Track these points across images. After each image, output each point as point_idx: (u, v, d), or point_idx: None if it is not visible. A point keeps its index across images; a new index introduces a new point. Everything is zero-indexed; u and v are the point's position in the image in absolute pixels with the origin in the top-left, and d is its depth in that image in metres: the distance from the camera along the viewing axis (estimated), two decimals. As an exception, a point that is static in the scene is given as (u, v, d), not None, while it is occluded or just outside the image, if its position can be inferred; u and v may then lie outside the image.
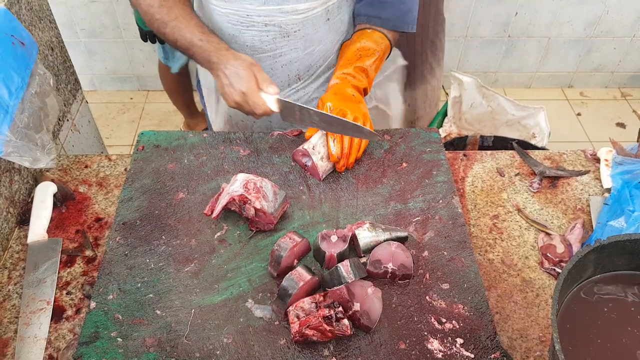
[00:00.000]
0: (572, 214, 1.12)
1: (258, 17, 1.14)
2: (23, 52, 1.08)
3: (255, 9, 1.13)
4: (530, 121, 2.45)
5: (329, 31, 1.22)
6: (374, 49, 1.18)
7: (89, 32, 2.79)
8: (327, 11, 1.18)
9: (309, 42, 1.20)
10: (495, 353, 0.85)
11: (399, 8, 1.20)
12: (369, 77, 1.17)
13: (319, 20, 1.18)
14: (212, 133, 1.22)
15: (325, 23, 1.19)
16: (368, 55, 1.17)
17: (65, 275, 1.00)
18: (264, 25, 1.15)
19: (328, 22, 1.20)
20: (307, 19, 1.16)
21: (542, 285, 0.99)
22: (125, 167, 1.20)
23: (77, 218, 1.09)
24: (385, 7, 1.19)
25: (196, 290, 0.93)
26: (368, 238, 0.96)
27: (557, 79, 3.11)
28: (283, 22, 1.15)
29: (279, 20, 1.15)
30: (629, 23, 2.82)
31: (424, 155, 1.17)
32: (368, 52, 1.17)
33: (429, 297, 0.92)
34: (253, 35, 1.17)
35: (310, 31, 1.18)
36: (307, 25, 1.17)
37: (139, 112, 2.97)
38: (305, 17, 1.16)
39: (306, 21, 1.16)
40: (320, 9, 1.16)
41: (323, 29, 1.20)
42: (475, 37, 2.87)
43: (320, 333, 0.83)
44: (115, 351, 0.85)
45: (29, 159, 1.04)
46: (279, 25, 1.15)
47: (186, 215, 1.05)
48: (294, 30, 1.17)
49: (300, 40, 1.19)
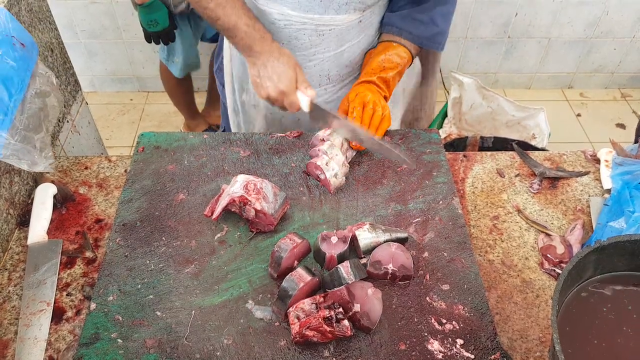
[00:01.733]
0: (572, 214, 1.12)
1: (296, 18, 1.17)
2: (23, 53, 1.08)
3: (296, 15, 1.16)
4: (530, 122, 2.45)
5: (360, 32, 1.24)
6: (397, 62, 1.21)
7: (89, 33, 2.79)
8: (362, 16, 1.21)
9: (340, 42, 1.23)
10: (495, 354, 0.85)
11: (431, 29, 1.23)
12: (390, 88, 1.21)
13: (352, 23, 1.21)
14: (212, 134, 1.22)
15: (358, 24, 1.22)
16: (391, 67, 1.20)
17: (66, 276, 1.00)
18: (302, 24, 1.18)
19: (360, 24, 1.22)
20: (342, 22, 1.19)
21: (542, 286, 0.99)
22: (126, 168, 1.20)
23: (77, 219, 1.09)
24: (418, 25, 1.22)
25: (196, 291, 0.93)
26: (368, 239, 0.96)
27: (557, 80, 3.12)
28: (320, 23, 1.18)
29: (317, 23, 1.17)
30: (629, 24, 2.83)
31: (424, 156, 1.17)
32: (391, 64, 1.20)
33: (429, 298, 0.92)
34: (290, 33, 1.20)
35: (344, 31, 1.21)
36: (342, 26, 1.20)
37: (139, 113, 2.97)
38: (341, 22, 1.19)
39: (341, 24, 1.19)
40: (356, 16, 1.20)
41: (355, 30, 1.23)
42: (475, 38, 2.87)
43: (321, 334, 0.83)
44: (116, 352, 0.85)
45: (27, 162, 1.04)
46: (315, 24, 1.18)
47: (186, 217, 1.05)
48: (329, 29, 1.19)
49: (333, 39, 1.22)
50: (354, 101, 1.15)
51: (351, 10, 1.17)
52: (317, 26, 1.18)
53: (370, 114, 1.13)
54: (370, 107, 1.13)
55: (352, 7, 1.16)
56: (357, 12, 1.19)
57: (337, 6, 1.15)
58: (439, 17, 1.23)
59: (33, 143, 1.06)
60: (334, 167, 1.08)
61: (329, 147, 1.10)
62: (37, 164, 1.05)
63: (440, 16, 1.23)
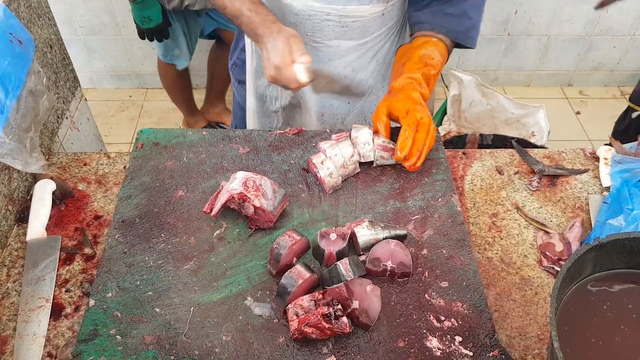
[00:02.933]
0: (571, 212, 1.12)
1: (320, 8, 1.18)
2: (21, 50, 1.07)
3: (320, 6, 1.18)
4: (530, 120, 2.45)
5: (382, 24, 1.25)
6: (438, 60, 1.17)
7: (88, 30, 2.79)
8: (385, 8, 1.22)
9: (364, 33, 1.24)
10: (493, 351, 0.85)
11: (464, 22, 1.20)
12: (430, 86, 1.16)
13: (375, 15, 1.22)
14: (211, 131, 1.22)
15: (380, 17, 1.23)
16: (432, 65, 1.16)
17: (64, 273, 1.00)
18: (326, 15, 1.19)
19: (383, 17, 1.23)
20: (365, 13, 1.20)
21: (541, 283, 0.99)
22: (125, 164, 1.20)
23: (76, 216, 1.09)
24: (450, 19, 1.19)
25: (195, 288, 0.93)
26: (367, 236, 0.96)
27: (557, 78, 3.11)
28: (344, 13, 1.19)
29: (340, 13, 1.19)
30: (628, 22, 2.82)
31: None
32: (432, 61, 1.16)
33: (428, 295, 0.92)
34: (314, 24, 1.21)
35: (367, 23, 1.22)
36: (365, 17, 1.21)
37: (138, 109, 2.97)
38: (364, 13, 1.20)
39: (364, 15, 1.20)
40: (379, 8, 1.20)
41: (378, 22, 1.24)
42: (474, 35, 2.87)
43: (319, 331, 0.83)
44: (114, 349, 0.85)
45: (21, 162, 1.03)
46: (339, 15, 1.19)
47: (185, 213, 1.05)
48: (352, 20, 1.20)
49: (356, 30, 1.23)
50: (406, 119, 1.06)
51: (375, 1, 1.18)
52: (341, 17, 1.19)
53: (425, 136, 1.06)
54: (425, 129, 1.06)
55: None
56: (381, 4, 1.20)
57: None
58: (471, 9, 1.19)
59: (24, 143, 1.05)
60: (330, 167, 1.07)
61: (329, 147, 1.09)
62: (30, 165, 1.05)
63: (473, 8, 1.20)
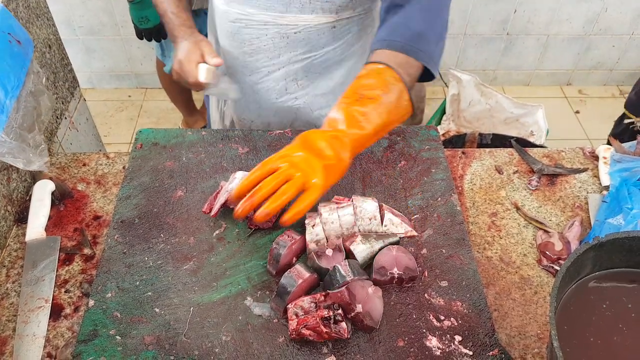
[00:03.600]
0: (570, 211, 1.12)
1: (258, 17, 1.13)
2: (19, 50, 1.07)
3: (256, 13, 1.13)
4: (529, 119, 2.45)
5: (334, 39, 1.16)
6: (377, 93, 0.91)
7: (87, 30, 2.78)
8: (335, 21, 1.13)
9: (310, 47, 1.17)
10: (493, 350, 0.85)
11: (407, 28, 0.98)
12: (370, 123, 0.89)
13: (323, 27, 1.14)
14: (210, 131, 1.22)
15: (331, 30, 1.15)
16: (371, 98, 0.90)
17: (64, 273, 1.00)
18: (263, 24, 1.14)
19: (333, 30, 1.15)
20: (310, 25, 1.13)
21: (541, 282, 0.99)
22: (124, 165, 1.20)
23: (76, 216, 1.09)
24: (393, 28, 0.99)
25: (195, 288, 0.93)
26: (364, 251, 0.94)
27: (556, 77, 3.12)
28: (284, 23, 1.13)
29: (279, 22, 1.13)
30: (627, 21, 2.83)
31: (423, 153, 1.17)
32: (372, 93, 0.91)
33: (428, 295, 0.92)
34: (251, 33, 1.16)
35: (313, 35, 1.15)
36: (310, 29, 1.14)
37: (137, 109, 2.96)
38: (308, 24, 1.13)
39: (309, 26, 1.13)
40: (326, 20, 1.12)
41: (328, 36, 1.15)
42: (474, 34, 2.87)
43: (317, 334, 0.83)
44: (114, 349, 0.85)
45: (22, 160, 1.03)
46: (278, 25, 1.14)
47: (185, 214, 1.05)
48: (294, 32, 1.14)
49: (300, 43, 1.16)
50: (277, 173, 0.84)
51: (318, 10, 1.09)
52: (280, 27, 1.13)
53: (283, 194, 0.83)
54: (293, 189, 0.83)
55: (317, 6, 1.09)
56: (327, 15, 1.11)
57: (300, 4, 1.09)
58: (414, 11, 0.98)
59: (27, 141, 1.06)
60: (319, 234, 0.94)
61: (328, 210, 0.96)
62: (32, 163, 1.05)
63: (418, 11, 0.98)
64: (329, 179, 0.86)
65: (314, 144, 0.87)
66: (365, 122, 0.89)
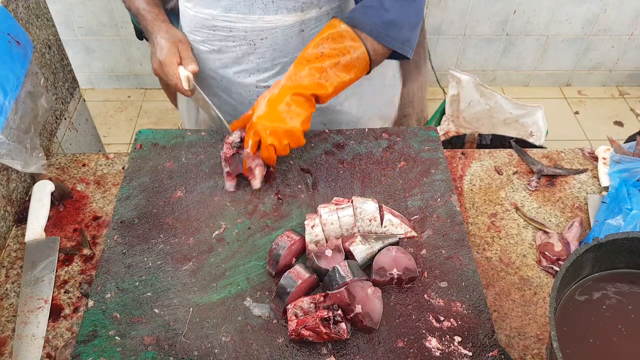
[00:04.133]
0: (569, 212, 1.12)
1: (223, 22, 1.11)
2: (19, 51, 1.07)
3: (220, 15, 1.10)
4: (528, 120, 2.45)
5: (302, 43, 1.12)
6: (342, 48, 1.00)
7: (86, 30, 2.78)
8: (302, 23, 1.10)
9: (278, 53, 1.14)
10: (493, 351, 0.85)
11: (380, 14, 1.01)
12: (328, 80, 1.00)
13: (290, 32, 1.10)
14: (210, 131, 1.22)
15: (299, 34, 1.11)
16: (332, 55, 0.99)
17: (63, 273, 1.00)
18: (229, 31, 1.11)
19: (302, 34, 1.11)
20: (276, 28, 1.10)
21: (540, 283, 0.99)
22: (123, 165, 1.20)
23: (75, 216, 1.09)
24: (366, 10, 1.02)
25: (194, 288, 0.93)
26: (363, 252, 0.94)
27: (555, 78, 3.12)
28: (249, 28, 1.10)
29: (244, 26, 1.10)
30: (627, 21, 2.83)
31: (423, 153, 1.17)
32: (333, 51, 0.99)
33: (427, 296, 0.92)
34: (220, 40, 1.14)
35: (280, 42, 1.12)
36: (277, 34, 1.10)
37: (136, 110, 2.96)
38: (274, 27, 1.10)
39: (275, 31, 1.10)
40: (292, 21, 1.09)
41: (295, 41, 1.12)
42: (473, 35, 2.87)
43: (316, 334, 0.83)
44: (114, 350, 0.85)
45: (20, 162, 1.03)
46: (244, 31, 1.10)
47: (184, 214, 1.05)
48: (261, 38, 1.11)
49: (267, 49, 1.13)
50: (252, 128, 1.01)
51: (282, 9, 1.07)
52: (247, 33, 1.10)
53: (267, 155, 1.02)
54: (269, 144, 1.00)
55: (281, 5, 1.06)
56: (292, 14, 1.08)
57: (263, 4, 1.05)
58: (388, 1, 1.00)
59: (24, 143, 1.05)
60: (319, 235, 0.96)
61: (328, 212, 0.97)
62: (30, 165, 1.05)
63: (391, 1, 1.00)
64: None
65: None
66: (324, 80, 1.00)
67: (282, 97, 0.99)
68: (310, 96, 1.00)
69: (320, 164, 1.15)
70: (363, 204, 0.98)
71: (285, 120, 0.99)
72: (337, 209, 0.98)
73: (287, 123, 0.99)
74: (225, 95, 1.26)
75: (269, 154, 1.02)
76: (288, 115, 0.99)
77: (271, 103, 1.00)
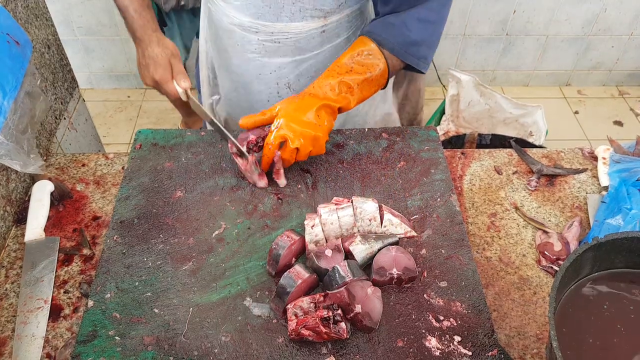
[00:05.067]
0: (569, 212, 1.12)
1: (249, 23, 1.15)
2: (18, 51, 1.07)
3: (248, 20, 1.14)
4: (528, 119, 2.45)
5: (323, 42, 1.18)
6: (368, 64, 1.06)
7: (86, 30, 2.78)
8: (324, 25, 1.15)
9: (300, 51, 1.18)
10: (492, 350, 0.85)
11: (402, 34, 1.07)
12: (354, 95, 1.06)
13: (314, 32, 1.16)
14: (209, 131, 1.22)
15: (320, 34, 1.16)
16: (359, 72, 1.06)
17: (63, 274, 1.00)
18: (255, 31, 1.16)
19: (323, 34, 1.16)
20: (301, 32, 1.15)
21: (540, 283, 0.99)
22: (123, 165, 1.20)
23: (75, 216, 1.09)
24: (388, 28, 1.08)
25: (194, 288, 0.93)
26: (363, 252, 0.94)
27: (555, 77, 3.12)
28: (275, 31, 1.15)
29: (271, 30, 1.14)
30: (627, 21, 2.83)
31: (422, 153, 1.17)
32: (362, 68, 1.06)
33: (427, 295, 0.92)
34: (243, 36, 1.18)
35: (303, 40, 1.16)
36: (300, 35, 1.15)
37: (136, 110, 2.96)
38: (299, 32, 1.15)
39: (299, 32, 1.15)
40: (315, 26, 1.14)
41: (317, 39, 1.17)
42: (473, 35, 2.87)
43: (316, 334, 0.83)
44: (113, 350, 0.85)
45: (19, 162, 1.03)
46: (269, 31, 1.15)
47: (184, 214, 1.05)
48: (285, 37, 1.16)
49: (290, 47, 1.17)
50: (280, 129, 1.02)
51: (308, 17, 1.12)
52: (272, 34, 1.15)
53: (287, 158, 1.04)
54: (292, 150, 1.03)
55: (307, 14, 1.11)
56: (316, 20, 1.13)
57: (290, 13, 1.11)
58: (412, 20, 1.07)
59: (22, 144, 1.05)
60: (318, 235, 0.96)
61: (328, 211, 0.98)
62: (28, 165, 1.05)
63: (415, 21, 1.07)
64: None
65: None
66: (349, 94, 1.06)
67: (312, 105, 1.03)
68: (336, 109, 1.06)
69: (320, 164, 1.15)
70: (363, 203, 0.98)
71: (315, 128, 1.03)
72: (337, 208, 0.98)
73: (315, 130, 1.03)
74: (244, 92, 1.28)
75: (290, 157, 1.04)
76: (317, 123, 1.03)
77: (302, 109, 1.03)
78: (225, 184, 1.10)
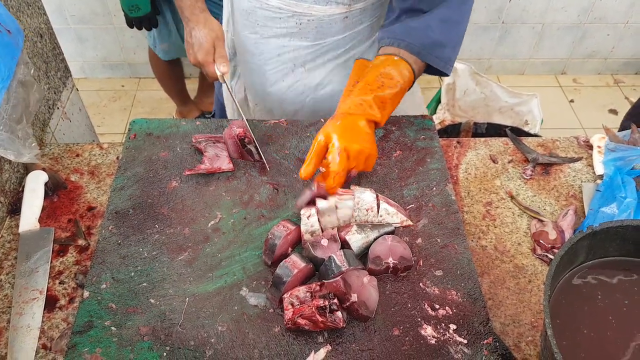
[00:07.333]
0: (564, 200, 1.12)
1: (274, 1, 1.16)
2: (9, 40, 1.06)
3: None
4: (523, 108, 2.45)
5: (344, 28, 1.20)
6: (397, 80, 1.03)
7: (79, 19, 2.75)
8: (348, 12, 1.16)
9: (321, 34, 1.20)
10: (487, 338, 0.86)
11: (427, 36, 1.06)
12: (386, 110, 1.03)
13: (336, 18, 1.17)
14: (204, 121, 1.21)
15: (343, 20, 1.18)
16: (391, 86, 1.02)
17: (58, 264, 0.99)
18: (278, 8, 1.16)
19: (345, 20, 1.18)
20: (324, 16, 1.16)
21: (535, 271, 1.00)
22: (117, 155, 1.19)
23: (69, 207, 1.09)
24: (412, 32, 1.06)
25: (190, 278, 0.93)
26: (359, 241, 0.94)
27: (551, 66, 3.11)
28: (298, 12, 1.16)
29: (294, 10, 1.16)
30: (622, 9, 2.82)
31: (418, 142, 1.17)
32: (392, 82, 1.03)
33: (423, 284, 0.93)
34: (266, 15, 1.19)
35: (325, 25, 1.18)
36: (323, 19, 1.17)
37: (130, 99, 2.94)
38: (322, 16, 1.16)
39: (322, 16, 1.16)
40: (339, 11, 1.15)
41: (339, 25, 1.19)
42: (469, 23, 2.86)
43: (313, 323, 0.84)
44: (110, 340, 0.85)
45: (13, 152, 1.02)
46: (293, 11, 1.16)
47: (179, 204, 1.05)
48: (307, 19, 1.17)
49: (312, 30, 1.19)
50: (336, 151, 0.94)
51: (332, 2, 1.13)
52: (295, 14, 1.16)
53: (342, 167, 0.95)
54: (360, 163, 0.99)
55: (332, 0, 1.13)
56: (341, 6, 1.14)
57: None
58: (435, 21, 1.06)
59: (16, 133, 1.04)
60: (314, 226, 0.96)
61: (326, 203, 0.97)
62: (23, 155, 1.04)
63: (438, 21, 1.06)
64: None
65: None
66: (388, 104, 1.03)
67: (358, 120, 0.99)
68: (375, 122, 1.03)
69: (316, 154, 1.14)
70: (362, 193, 0.98)
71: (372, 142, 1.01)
72: (338, 200, 0.97)
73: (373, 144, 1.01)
74: (259, 72, 1.29)
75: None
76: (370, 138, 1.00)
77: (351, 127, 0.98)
78: (221, 174, 1.10)
